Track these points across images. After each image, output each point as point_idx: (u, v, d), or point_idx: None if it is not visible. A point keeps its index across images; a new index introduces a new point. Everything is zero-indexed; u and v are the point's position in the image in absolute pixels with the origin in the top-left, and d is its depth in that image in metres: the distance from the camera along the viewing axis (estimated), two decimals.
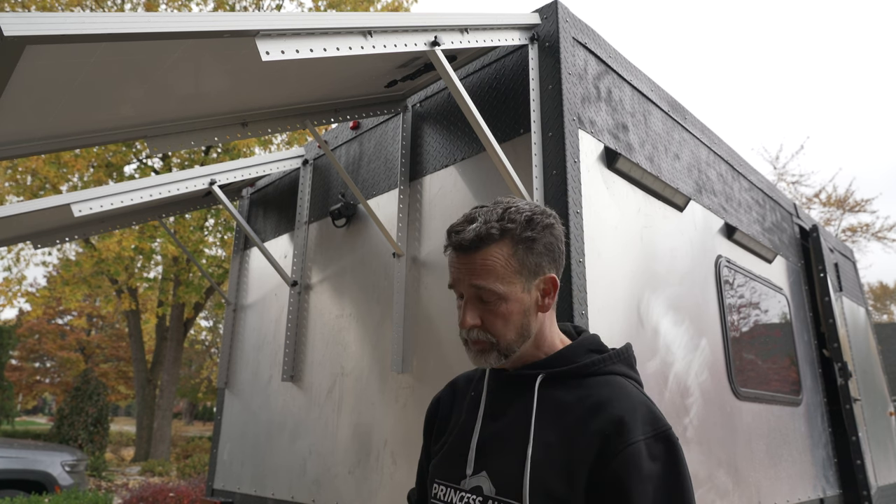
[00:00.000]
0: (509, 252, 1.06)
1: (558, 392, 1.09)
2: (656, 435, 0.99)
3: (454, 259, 1.10)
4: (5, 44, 1.30)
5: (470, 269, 1.07)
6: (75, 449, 7.41)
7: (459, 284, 1.10)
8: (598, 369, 1.10)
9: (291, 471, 3.08)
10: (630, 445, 0.97)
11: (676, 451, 1.00)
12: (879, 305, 38.27)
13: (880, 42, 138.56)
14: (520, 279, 1.07)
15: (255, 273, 3.89)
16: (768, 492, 2.97)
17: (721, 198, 3.31)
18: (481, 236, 1.06)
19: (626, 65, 2.72)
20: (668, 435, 1.00)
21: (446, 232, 1.12)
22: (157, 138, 2.44)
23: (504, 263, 1.05)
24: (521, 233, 1.06)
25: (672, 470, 0.98)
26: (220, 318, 28.88)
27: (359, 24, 1.85)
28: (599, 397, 1.05)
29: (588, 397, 1.05)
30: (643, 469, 0.95)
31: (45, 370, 27.37)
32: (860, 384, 4.50)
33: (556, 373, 1.10)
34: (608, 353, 1.14)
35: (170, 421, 15.03)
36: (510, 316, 1.07)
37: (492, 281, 1.05)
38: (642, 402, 1.04)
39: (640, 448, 0.97)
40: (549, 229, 1.09)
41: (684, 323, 2.67)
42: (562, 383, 1.10)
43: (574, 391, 1.07)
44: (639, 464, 0.96)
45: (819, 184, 35.14)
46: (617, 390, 1.06)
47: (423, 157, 2.82)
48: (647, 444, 0.98)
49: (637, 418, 1.00)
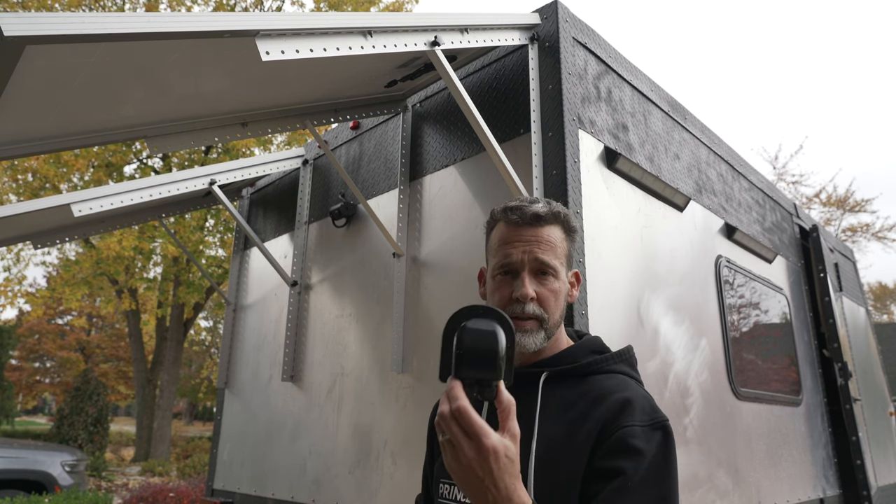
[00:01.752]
0: (563, 236, 1.16)
1: (561, 390, 1.11)
2: (653, 424, 1.02)
3: (512, 234, 1.14)
4: (5, 44, 1.30)
5: (536, 242, 1.12)
6: (75, 449, 7.41)
7: (520, 258, 1.12)
8: (600, 368, 1.13)
9: (291, 471, 3.08)
10: (627, 427, 1.00)
11: (670, 442, 1.02)
12: (879, 305, 38.25)
13: (880, 42, 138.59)
14: (565, 263, 1.15)
15: (255, 273, 3.89)
16: (768, 492, 2.97)
17: (721, 198, 3.31)
18: (553, 213, 1.15)
19: (626, 65, 2.72)
20: (666, 426, 1.03)
21: (501, 209, 1.17)
22: (157, 138, 2.44)
23: (560, 245, 1.15)
24: (571, 223, 1.17)
25: (664, 457, 1.00)
26: (220, 318, 28.87)
27: (359, 24, 1.85)
28: (602, 389, 1.08)
29: (591, 391, 1.09)
30: (637, 447, 0.98)
31: (45, 370, 27.36)
32: (860, 384, 4.50)
33: (559, 371, 1.13)
34: (610, 354, 1.17)
35: (170, 421, 15.03)
36: (560, 294, 1.13)
37: (553, 257, 1.12)
38: (643, 395, 1.08)
39: (637, 430, 1.00)
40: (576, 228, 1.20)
41: (684, 323, 2.67)
42: (565, 382, 1.12)
43: (577, 388, 1.10)
44: (633, 442, 0.98)
45: (819, 184, 35.16)
46: (620, 383, 1.10)
47: (423, 157, 2.82)
48: (644, 430, 1.00)
49: (636, 406, 1.03)
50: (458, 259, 2.50)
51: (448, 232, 2.58)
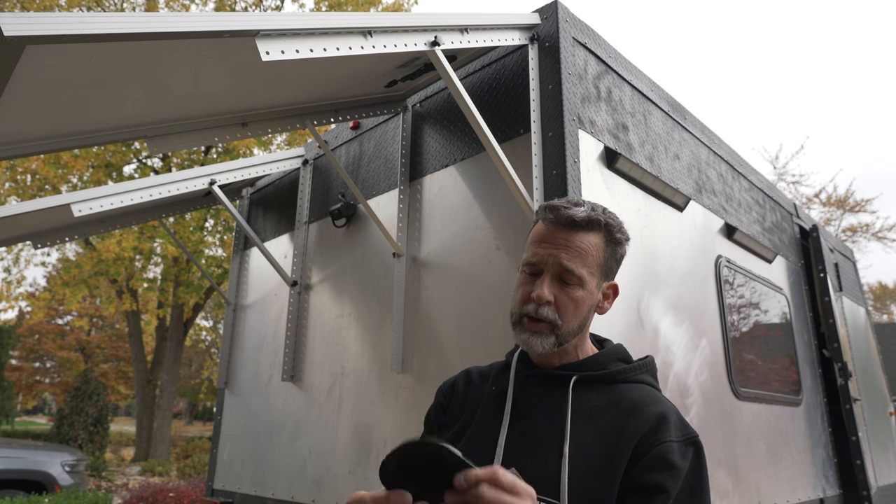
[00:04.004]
0: (601, 245, 1.12)
1: (590, 395, 1.11)
2: (686, 440, 1.05)
3: (545, 233, 1.12)
4: (5, 44, 1.30)
5: (566, 246, 1.10)
6: (75, 449, 7.41)
7: (544, 259, 1.11)
8: (628, 377, 1.15)
9: (291, 471, 3.08)
10: (664, 443, 1.02)
11: (702, 458, 1.05)
12: (879, 305, 38.25)
13: (880, 42, 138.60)
14: (599, 274, 1.12)
15: (255, 273, 3.89)
16: (768, 492, 2.97)
17: (721, 198, 3.31)
18: (592, 219, 1.10)
19: (626, 65, 2.72)
20: (697, 442, 1.06)
21: (543, 207, 1.15)
22: (156, 138, 2.44)
23: (595, 253, 1.11)
24: (615, 233, 1.13)
25: (698, 472, 1.03)
26: (220, 318, 28.87)
27: (359, 24, 1.85)
28: (634, 401, 1.09)
29: (622, 401, 1.09)
30: (674, 464, 1.00)
31: (45, 370, 27.35)
32: (860, 384, 4.50)
33: (589, 376, 1.12)
34: (637, 363, 1.18)
35: (170, 421, 15.02)
36: (581, 303, 1.10)
37: (580, 265, 1.09)
38: (674, 410, 1.10)
39: (673, 447, 1.02)
40: (627, 243, 1.17)
41: (684, 323, 2.67)
42: (593, 387, 1.12)
43: (605, 395, 1.11)
44: (671, 458, 1.00)
45: (819, 184, 35.20)
46: (649, 395, 1.11)
47: (423, 157, 2.82)
48: (679, 446, 1.03)
49: (671, 421, 1.05)
50: (458, 259, 2.50)
51: (448, 232, 2.58)
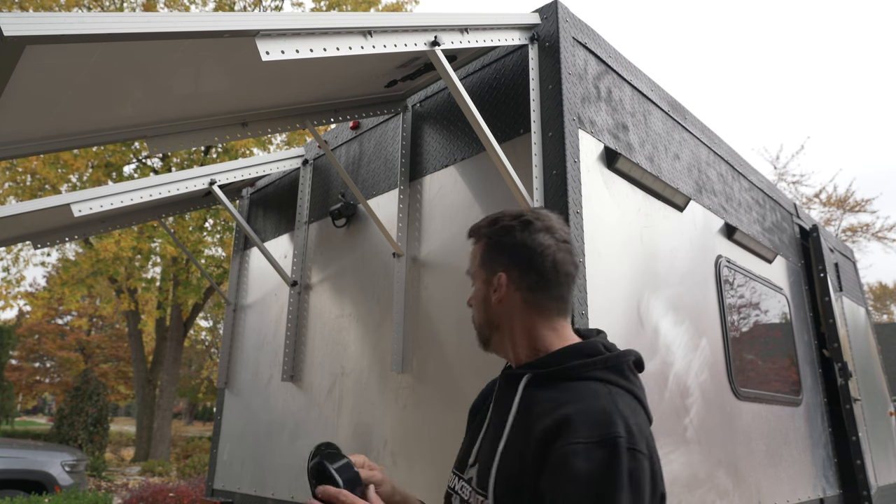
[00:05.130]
0: (483, 246, 1.25)
1: (539, 393, 1.09)
2: (601, 441, 0.94)
3: None
4: (5, 44, 1.30)
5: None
6: (75, 449, 7.41)
7: None
8: (580, 374, 1.08)
9: (291, 471, 3.08)
10: (567, 446, 0.94)
11: (619, 460, 0.92)
12: (879, 305, 38.25)
13: (880, 42, 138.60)
14: (483, 272, 1.23)
15: (255, 273, 3.89)
16: (768, 492, 2.97)
17: (721, 198, 3.31)
18: (473, 230, 1.29)
19: (626, 65, 2.72)
20: (616, 443, 0.93)
21: None
22: (156, 138, 2.44)
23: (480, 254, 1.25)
24: (486, 232, 1.25)
25: (609, 478, 0.91)
26: (220, 318, 28.87)
27: (359, 24, 1.85)
28: (562, 400, 1.03)
29: (556, 399, 1.04)
30: (573, 470, 0.92)
31: (45, 370, 27.36)
32: (860, 384, 4.50)
33: (540, 374, 1.11)
34: (592, 360, 1.10)
35: (170, 421, 15.03)
36: (476, 299, 1.25)
37: (470, 267, 1.27)
38: (601, 409, 0.99)
39: (577, 450, 0.93)
40: (507, 232, 1.20)
41: (684, 323, 2.67)
42: (546, 385, 1.09)
43: (551, 392, 1.07)
44: (569, 464, 0.93)
45: (819, 184, 35.21)
46: (583, 394, 1.03)
47: (423, 157, 2.82)
48: (587, 448, 0.93)
49: (584, 422, 0.97)
50: (458, 259, 2.50)
51: (448, 232, 2.58)
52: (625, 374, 1.11)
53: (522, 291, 1.16)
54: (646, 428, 1.02)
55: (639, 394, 1.09)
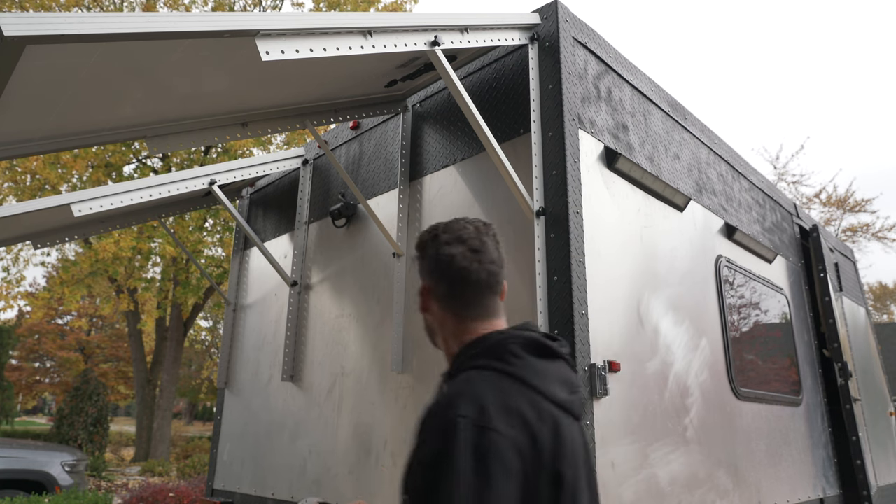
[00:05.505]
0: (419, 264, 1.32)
1: None
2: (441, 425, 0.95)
3: None
4: (5, 44, 1.30)
5: None
6: (75, 449, 7.41)
7: None
8: (463, 365, 1.13)
9: (291, 471, 3.08)
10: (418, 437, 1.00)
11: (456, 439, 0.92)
12: (879, 305, 38.25)
13: (880, 42, 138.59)
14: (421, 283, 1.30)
15: (255, 273, 3.89)
16: (768, 492, 2.97)
17: (721, 198, 3.31)
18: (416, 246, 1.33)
19: (626, 65, 2.72)
20: (454, 423, 0.93)
21: None
22: (156, 138, 2.44)
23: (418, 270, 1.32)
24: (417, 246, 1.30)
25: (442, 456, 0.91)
26: (220, 318, 28.87)
27: (359, 24, 1.85)
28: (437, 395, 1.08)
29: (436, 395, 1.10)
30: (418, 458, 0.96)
31: (45, 370, 27.34)
32: (860, 384, 4.50)
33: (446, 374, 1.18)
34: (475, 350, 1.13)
35: (170, 421, 15.02)
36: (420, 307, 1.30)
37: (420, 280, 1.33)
38: (449, 395, 1.01)
39: (424, 437, 0.98)
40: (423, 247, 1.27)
41: (684, 323, 2.67)
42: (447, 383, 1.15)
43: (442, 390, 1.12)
44: (417, 454, 0.97)
45: (819, 184, 35.21)
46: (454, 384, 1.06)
47: (423, 157, 2.82)
48: (430, 432, 0.97)
49: (434, 409, 1.01)
50: None
51: None
52: (503, 357, 1.09)
53: (439, 300, 1.24)
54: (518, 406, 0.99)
55: (520, 374, 1.06)
